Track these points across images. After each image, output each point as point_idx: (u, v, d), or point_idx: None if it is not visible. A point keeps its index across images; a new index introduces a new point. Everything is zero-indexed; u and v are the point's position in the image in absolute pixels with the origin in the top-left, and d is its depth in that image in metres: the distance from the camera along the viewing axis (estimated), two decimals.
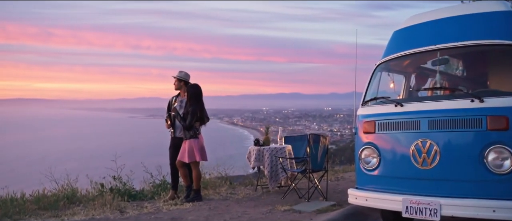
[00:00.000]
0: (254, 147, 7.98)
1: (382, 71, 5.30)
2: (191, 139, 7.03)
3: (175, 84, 7.56)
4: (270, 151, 7.75)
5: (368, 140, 4.87)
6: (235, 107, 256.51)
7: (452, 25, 4.79)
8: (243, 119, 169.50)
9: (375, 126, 4.79)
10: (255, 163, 7.86)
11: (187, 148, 7.05)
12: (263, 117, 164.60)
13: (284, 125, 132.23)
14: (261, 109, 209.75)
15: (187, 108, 7.08)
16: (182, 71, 7.58)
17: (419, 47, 4.89)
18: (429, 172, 4.28)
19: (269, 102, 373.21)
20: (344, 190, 8.25)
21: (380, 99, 4.99)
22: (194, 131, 7.04)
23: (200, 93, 7.18)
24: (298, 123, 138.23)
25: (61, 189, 7.84)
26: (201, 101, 7.20)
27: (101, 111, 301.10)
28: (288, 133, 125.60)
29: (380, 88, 5.26)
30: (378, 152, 4.76)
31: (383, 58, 5.23)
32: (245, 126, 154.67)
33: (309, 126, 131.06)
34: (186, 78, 7.52)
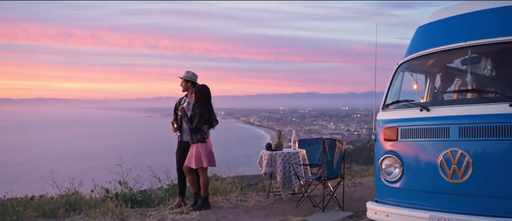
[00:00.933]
0: (266, 151, 7.51)
1: (405, 71, 4.79)
2: (198, 143, 6.60)
3: (182, 85, 7.12)
4: (283, 156, 7.27)
5: (389, 148, 4.37)
6: (251, 107, 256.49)
7: (486, 19, 4.23)
8: (260, 119, 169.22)
9: (397, 133, 4.28)
10: (267, 168, 7.39)
11: (194, 153, 6.62)
12: (280, 117, 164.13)
13: (301, 125, 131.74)
14: (278, 109, 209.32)
15: (194, 110, 6.64)
16: (190, 71, 7.13)
17: (446, 44, 4.36)
18: (460, 186, 3.76)
19: (286, 101, 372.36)
20: (362, 198, 7.77)
21: (403, 102, 4.48)
22: (202, 135, 6.60)
23: (209, 94, 6.74)
24: (315, 122, 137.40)
25: (62, 195, 7.52)
26: (210, 103, 6.76)
27: (119, 110, 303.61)
28: (305, 133, 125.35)
29: (402, 90, 4.75)
30: (400, 162, 4.25)
31: (405, 57, 4.72)
32: (261, 125, 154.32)
33: (326, 125, 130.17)
34: (194, 78, 7.08)
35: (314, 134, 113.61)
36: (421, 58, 4.67)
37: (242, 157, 45.28)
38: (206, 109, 6.62)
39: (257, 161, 7.78)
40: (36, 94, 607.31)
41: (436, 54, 4.53)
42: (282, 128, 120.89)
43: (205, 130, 6.66)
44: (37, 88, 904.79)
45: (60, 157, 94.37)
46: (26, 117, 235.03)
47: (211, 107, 6.77)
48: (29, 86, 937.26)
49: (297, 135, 38.34)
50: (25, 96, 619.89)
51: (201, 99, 6.63)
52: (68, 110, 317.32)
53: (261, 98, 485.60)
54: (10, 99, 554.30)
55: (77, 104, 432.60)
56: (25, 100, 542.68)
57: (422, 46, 4.61)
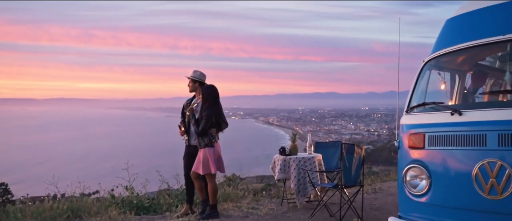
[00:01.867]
0: (279, 156, 7.02)
1: (432, 69, 4.25)
2: (206, 148, 6.13)
3: (190, 85, 6.65)
4: (297, 162, 6.76)
5: (415, 157, 3.83)
6: (270, 107, 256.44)
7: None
8: (279, 119, 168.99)
9: (424, 140, 3.74)
10: (280, 174, 6.90)
11: (201, 158, 6.16)
12: (299, 117, 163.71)
13: (320, 125, 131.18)
14: (297, 109, 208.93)
15: (201, 112, 6.19)
16: (197, 70, 6.66)
17: (480, 38, 3.79)
18: (500, 203, 3.21)
19: (305, 101, 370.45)
20: (383, 207, 7.24)
21: (431, 104, 3.93)
22: (210, 139, 6.12)
23: (217, 94, 6.27)
24: (334, 123, 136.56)
25: (66, 198, 7.17)
26: (218, 104, 6.28)
27: (139, 110, 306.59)
28: (324, 133, 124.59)
29: (429, 91, 4.21)
30: (428, 173, 3.71)
31: (433, 53, 4.17)
32: (280, 125, 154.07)
33: (346, 126, 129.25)
34: (202, 78, 6.61)
35: (333, 134, 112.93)
36: (451, 55, 4.11)
37: (261, 157, 45.01)
38: (214, 111, 6.16)
39: (270, 166, 7.28)
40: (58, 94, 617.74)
41: (468, 50, 3.96)
42: (301, 128, 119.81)
43: (213, 133, 6.17)
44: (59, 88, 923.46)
45: (83, 156, 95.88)
46: (49, 117, 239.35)
47: (219, 109, 6.28)
48: (52, 87, 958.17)
49: (316, 135, 37.99)
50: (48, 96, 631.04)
51: (209, 100, 6.16)
52: (90, 110, 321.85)
53: (280, 98, 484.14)
54: (33, 99, 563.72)
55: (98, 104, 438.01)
56: (47, 100, 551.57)
57: (452, 41, 4.06)
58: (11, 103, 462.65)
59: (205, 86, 6.39)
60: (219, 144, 6.34)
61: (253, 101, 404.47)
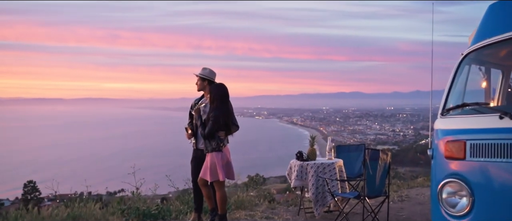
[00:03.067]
0: (296, 161, 6.38)
1: (472, 64, 3.58)
2: (213, 153, 5.55)
3: (198, 84, 6.07)
4: (316, 168, 6.12)
5: (453, 170, 3.16)
6: (294, 106, 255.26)
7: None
8: (303, 119, 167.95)
9: (465, 149, 3.08)
10: (297, 182, 6.26)
11: (209, 164, 5.59)
12: (323, 117, 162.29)
13: (344, 125, 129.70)
14: (321, 109, 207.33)
15: (208, 113, 5.63)
16: (206, 68, 6.09)
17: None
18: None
19: (329, 101, 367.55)
20: (410, 218, 6.52)
21: (473, 106, 3.26)
22: (217, 143, 5.53)
23: (226, 94, 5.68)
24: (359, 122, 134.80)
25: (63, 209, 6.70)
26: (227, 105, 5.69)
27: (164, 110, 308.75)
28: (349, 133, 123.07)
29: (468, 89, 3.55)
30: (470, 190, 3.05)
31: (473, 45, 3.50)
32: (304, 125, 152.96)
33: (370, 126, 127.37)
34: (211, 76, 6.04)
35: (358, 134, 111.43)
36: (495, 46, 3.43)
37: (285, 156, 42.60)
38: (222, 112, 5.57)
39: (286, 172, 6.65)
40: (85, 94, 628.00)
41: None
42: (326, 128, 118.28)
43: (222, 136, 5.58)
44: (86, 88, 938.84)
45: (111, 155, 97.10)
46: (76, 117, 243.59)
47: (228, 110, 5.70)
48: (79, 87, 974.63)
49: (341, 135, 36.88)
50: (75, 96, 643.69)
51: (217, 100, 5.57)
52: (115, 110, 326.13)
53: (304, 98, 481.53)
54: (61, 99, 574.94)
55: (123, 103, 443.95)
56: (75, 100, 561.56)
57: (497, 30, 3.38)
58: (41, 103, 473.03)
59: (213, 84, 5.82)
60: (228, 148, 5.75)
61: (276, 101, 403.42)
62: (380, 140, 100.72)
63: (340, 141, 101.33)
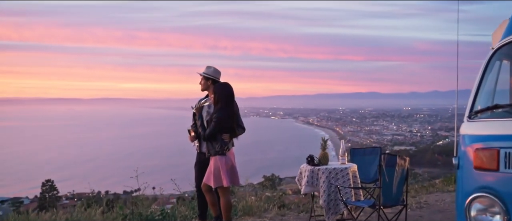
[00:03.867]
0: (307, 166, 5.95)
1: (503, 60, 3.13)
2: (216, 157, 5.17)
3: (202, 84, 5.70)
4: (328, 173, 5.68)
5: (484, 183, 2.71)
6: (310, 106, 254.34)
7: None
8: (319, 119, 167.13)
9: (498, 159, 2.63)
10: (307, 188, 5.84)
11: (212, 168, 5.21)
12: (339, 117, 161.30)
13: (361, 125, 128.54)
14: (337, 109, 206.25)
15: (212, 114, 5.25)
16: (211, 66, 5.70)
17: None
18: None
19: (346, 101, 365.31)
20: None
21: (507, 108, 2.81)
22: (221, 146, 5.15)
23: (231, 94, 5.29)
24: (376, 123, 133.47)
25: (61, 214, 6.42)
26: (232, 106, 5.29)
27: (180, 110, 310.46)
28: (365, 133, 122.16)
29: (500, 89, 3.10)
30: (504, 207, 2.60)
31: (506, 38, 3.05)
32: (320, 125, 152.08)
33: (387, 126, 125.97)
34: (215, 75, 5.65)
35: (374, 134, 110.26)
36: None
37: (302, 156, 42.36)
38: (227, 114, 5.18)
39: (296, 177, 6.23)
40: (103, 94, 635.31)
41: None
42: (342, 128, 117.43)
43: (226, 139, 5.19)
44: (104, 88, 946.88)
45: (128, 154, 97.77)
46: (95, 116, 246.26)
47: (233, 111, 5.30)
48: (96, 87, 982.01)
49: (357, 135, 36.11)
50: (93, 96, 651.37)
51: (221, 100, 5.19)
52: (132, 110, 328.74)
53: (320, 98, 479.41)
54: (80, 99, 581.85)
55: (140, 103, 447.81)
56: (93, 100, 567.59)
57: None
58: (60, 103, 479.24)
59: (218, 84, 5.44)
60: (233, 152, 5.36)
61: (292, 101, 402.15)
62: (397, 140, 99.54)
63: (357, 142, 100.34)
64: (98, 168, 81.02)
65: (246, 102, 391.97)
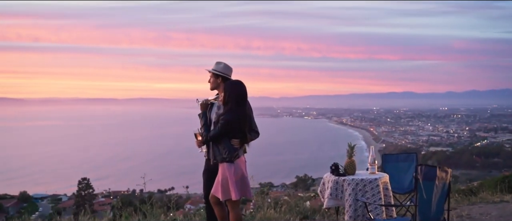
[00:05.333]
0: (330, 176, 5.20)
1: None
2: (224, 164, 4.49)
3: (211, 81, 4.99)
4: (354, 185, 4.93)
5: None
6: (344, 106, 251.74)
7: None
8: (352, 119, 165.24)
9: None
10: (330, 201, 5.07)
11: (220, 178, 4.53)
12: (373, 117, 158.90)
13: (395, 126, 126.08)
14: (371, 109, 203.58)
15: (219, 115, 4.57)
16: (221, 62, 4.98)
17: None
18: None
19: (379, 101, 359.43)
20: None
21: None
22: (229, 152, 4.47)
23: (242, 94, 4.59)
24: (411, 123, 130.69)
25: None
26: (244, 108, 4.59)
27: None
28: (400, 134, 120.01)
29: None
30: None
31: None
32: (354, 126, 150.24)
33: (423, 127, 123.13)
34: (226, 72, 4.93)
35: (409, 135, 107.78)
36: None
37: (337, 157, 41.32)
38: (237, 117, 4.49)
39: (318, 188, 5.46)
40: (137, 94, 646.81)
41: None
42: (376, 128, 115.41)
43: (236, 145, 4.51)
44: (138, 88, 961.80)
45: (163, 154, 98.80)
46: (130, 116, 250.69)
47: (245, 114, 4.59)
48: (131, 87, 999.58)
49: (392, 136, 34.45)
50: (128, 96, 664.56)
51: (231, 100, 4.50)
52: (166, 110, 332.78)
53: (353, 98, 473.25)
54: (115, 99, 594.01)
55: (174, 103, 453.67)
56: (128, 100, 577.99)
57: None
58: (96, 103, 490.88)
59: (228, 82, 4.74)
60: (245, 159, 4.65)
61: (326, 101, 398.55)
62: (433, 141, 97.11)
63: (391, 142, 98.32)
64: (133, 167, 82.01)
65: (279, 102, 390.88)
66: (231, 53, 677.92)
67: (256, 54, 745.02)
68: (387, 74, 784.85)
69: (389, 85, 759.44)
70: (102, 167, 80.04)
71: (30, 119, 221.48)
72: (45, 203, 55.01)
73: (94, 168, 75.81)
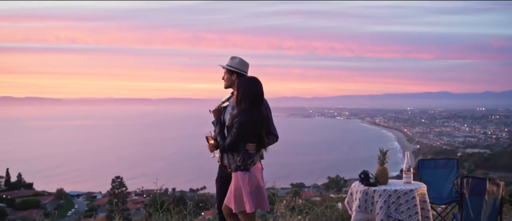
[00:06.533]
0: (359, 186, 4.60)
1: None
2: (238, 172, 3.99)
3: (225, 78, 4.40)
4: (387, 197, 4.36)
5: None
6: (377, 107, 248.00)
7: None
8: (386, 119, 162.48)
9: None
10: (359, 214, 4.48)
11: (233, 188, 4.04)
12: (407, 118, 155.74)
13: (430, 127, 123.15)
14: (405, 109, 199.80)
15: (233, 117, 4.05)
16: (236, 57, 4.38)
17: None
18: None
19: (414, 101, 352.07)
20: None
21: None
22: (244, 159, 3.97)
23: (258, 92, 4.05)
24: (446, 124, 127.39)
25: None
26: (260, 107, 4.05)
27: None
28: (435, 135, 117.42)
29: None
30: None
31: None
32: (387, 126, 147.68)
33: (459, 128, 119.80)
34: (241, 68, 4.34)
35: (445, 136, 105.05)
36: None
37: (370, 158, 40.81)
38: (253, 118, 3.98)
39: (346, 199, 4.91)
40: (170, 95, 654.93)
41: None
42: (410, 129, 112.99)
43: (252, 150, 4.00)
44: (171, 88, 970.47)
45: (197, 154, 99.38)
46: (163, 116, 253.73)
47: (261, 114, 4.05)
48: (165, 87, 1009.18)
49: (426, 137, 33.17)
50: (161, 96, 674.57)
51: (245, 99, 3.99)
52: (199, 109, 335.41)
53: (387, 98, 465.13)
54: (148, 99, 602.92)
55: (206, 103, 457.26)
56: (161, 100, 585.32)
57: None
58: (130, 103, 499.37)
59: (242, 78, 4.20)
60: (261, 167, 4.14)
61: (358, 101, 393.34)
62: (470, 143, 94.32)
63: (426, 143, 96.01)
64: (167, 166, 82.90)
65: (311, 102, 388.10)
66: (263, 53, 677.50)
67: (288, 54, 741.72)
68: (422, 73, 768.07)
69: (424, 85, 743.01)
70: (136, 166, 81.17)
71: (67, 119, 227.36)
72: (81, 200, 56.33)
73: (128, 167, 76.93)
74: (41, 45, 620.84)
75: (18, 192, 53.57)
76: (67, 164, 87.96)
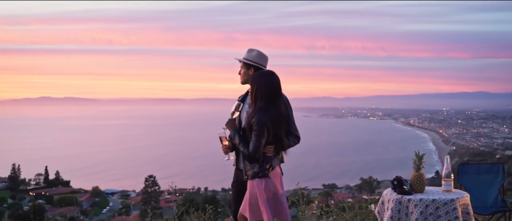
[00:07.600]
0: (392, 194, 4.14)
1: None
2: (254, 180, 3.62)
3: (241, 73, 3.97)
4: (423, 207, 3.90)
5: None
6: (411, 107, 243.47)
7: None
8: (421, 120, 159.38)
9: None
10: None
11: (248, 195, 3.68)
12: (443, 118, 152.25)
13: (467, 127, 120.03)
14: (441, 110, 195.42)
15: (249, 117, 3.66)
16: (254, 49, 3.95)
17: None
18: None
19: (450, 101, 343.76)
20: None
21: None
22: (261, 164, 3.60)
23: (276, 88, 3.65)
24: (484, 125, 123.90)
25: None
26: (278, 105, 3.65)
27: None
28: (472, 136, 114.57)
29: None
30: None
31: None
32: (422, 127, 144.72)
33: (498, 129, 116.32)
34: (260, 61, 3.91)
35: (482, 138, 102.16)
36: None
37: (405, 160, 41.64)
38: (270, 116, 3.56)
39: (376, 209, 4.43)
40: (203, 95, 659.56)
41: None
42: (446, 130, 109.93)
43: (270, 153, 3.62)
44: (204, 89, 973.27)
45: None
46: (196, 116, 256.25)
47: (280, 113, 3.63)
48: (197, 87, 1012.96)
49: (463, 138, 32.44)
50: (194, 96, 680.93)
51: (261, 96, 3.59)
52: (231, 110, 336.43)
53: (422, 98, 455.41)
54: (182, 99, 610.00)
55: None
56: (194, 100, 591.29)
57: None
58: (164, 103, 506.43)
59: (257, 73, 3.77)
60: (280, 171, 3.73)
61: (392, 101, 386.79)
62: (509, 144, 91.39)
63: (462, 145, 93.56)
64: (200, 166, 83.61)
65: (343, 102, 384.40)
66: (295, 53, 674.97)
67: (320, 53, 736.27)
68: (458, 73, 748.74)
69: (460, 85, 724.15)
70: (169, 166, 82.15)
71: (103, 119, 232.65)
72: (115, 198, 57.55)
73: (161, 166, 77.92)
74: (78, 46, 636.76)
75: (56, 189, 55.38)
76: (103, 162, 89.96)
